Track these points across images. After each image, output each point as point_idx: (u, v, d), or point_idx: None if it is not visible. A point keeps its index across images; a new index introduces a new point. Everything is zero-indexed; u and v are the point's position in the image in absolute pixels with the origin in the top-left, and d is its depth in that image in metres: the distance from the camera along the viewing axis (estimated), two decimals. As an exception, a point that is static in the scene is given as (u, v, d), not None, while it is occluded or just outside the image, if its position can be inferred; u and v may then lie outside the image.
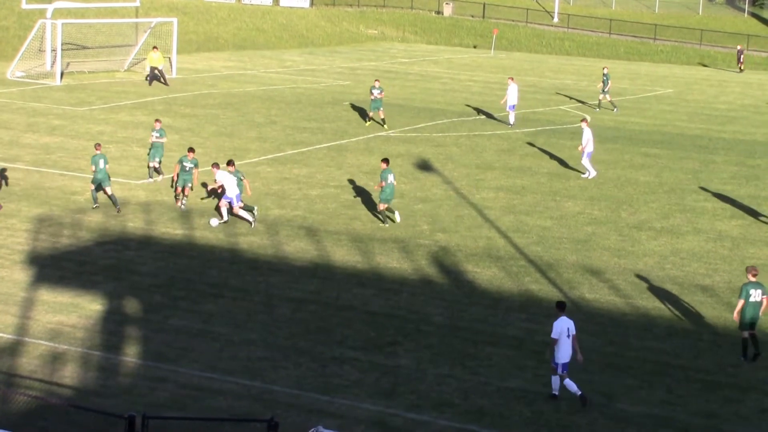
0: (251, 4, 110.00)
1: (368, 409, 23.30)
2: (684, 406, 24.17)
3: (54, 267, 31.44)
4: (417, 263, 33.38)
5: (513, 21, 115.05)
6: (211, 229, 35.68)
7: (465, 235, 36.52)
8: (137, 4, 77.21)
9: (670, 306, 30.54)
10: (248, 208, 36.71)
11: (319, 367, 25.35)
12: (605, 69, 67.22)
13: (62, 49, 67.04)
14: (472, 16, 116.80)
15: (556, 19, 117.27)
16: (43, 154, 45.14)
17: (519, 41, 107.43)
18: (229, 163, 37.17)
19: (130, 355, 25.63)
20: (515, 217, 39.02)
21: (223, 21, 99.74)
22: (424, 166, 46.55)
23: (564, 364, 24.01)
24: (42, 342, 25.97)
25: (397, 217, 37.80)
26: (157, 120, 42.46)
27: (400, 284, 31.27)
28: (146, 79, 66.08)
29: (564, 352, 23.98)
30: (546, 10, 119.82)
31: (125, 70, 71.79)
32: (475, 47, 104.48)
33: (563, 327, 23.97)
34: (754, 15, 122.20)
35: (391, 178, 37.44)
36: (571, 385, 23.92)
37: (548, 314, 29.41)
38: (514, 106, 58.21)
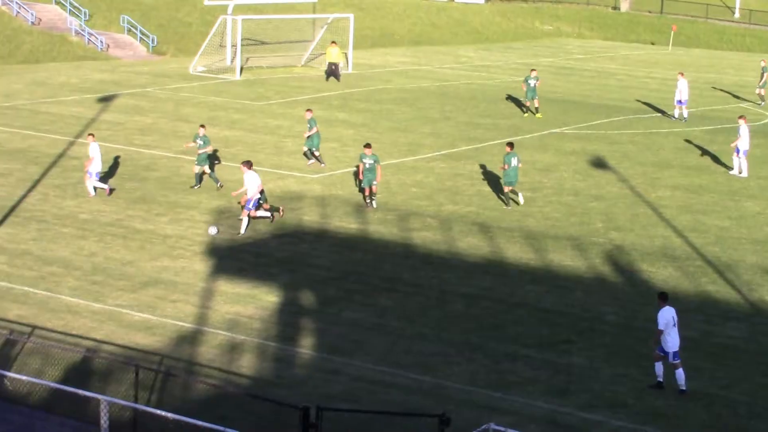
0: (427, 0, 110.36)
1: (541, 407, 23.22)
2: None
3: (232, 258, 32.12)
4: (591, 261, 33.08)
5: (692, 17, 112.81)
6: (385, 224, 35.95)
7: (640, 234, 36.03)
8: (315, 0, 78.20)
9: None
10: (273, 209, 36.24)
11: (491, 363, 25.35)
12: (762, 62, 65.66)
13: (242, 45, 68.36)
14: (650, 12, 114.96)
15: (737, 15, 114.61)
16: (222, 147, 46.09)
17: (698, 37, 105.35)
18: (247, 163, 35.54)
19: (305, 346, 26.03)
20: (692, 217, 38.32)
21: (399, 17, 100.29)
22: (599, 163, 46.06)
23: (675, 353, 24.07)
24: (220, 332, 26.57)
25: (521, 199, 38.56)
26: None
27: (574, 282, 31.03)
28: (325, 74, 66.91)
29: (673, 341, 24.08)
30: (727, 6, 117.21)
31: (302, 65, 72.82)
32: (652, 44, 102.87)
33: (668, 317, 24.13)
34: None
35: (514, 161, 38.27)
36: (681, 375, 24.03)
37: (726, 316, 28.93)
38: (682, 102, 57.40)
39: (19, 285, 29.00)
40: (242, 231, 34.30)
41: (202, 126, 40.38)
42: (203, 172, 39.50)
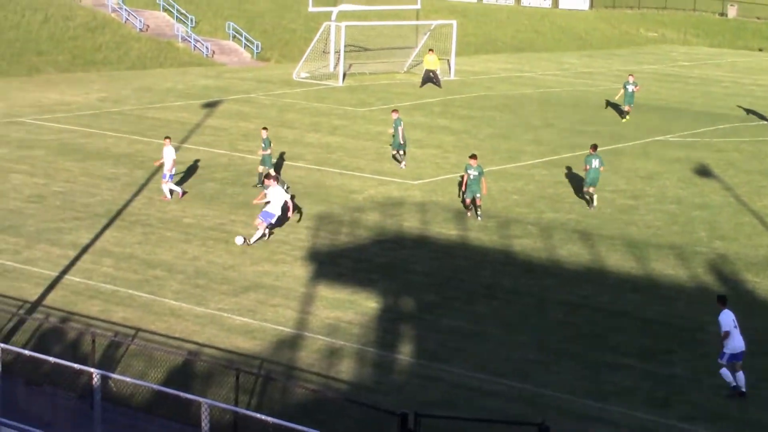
0: (530, 6, 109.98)
1: (641, 417, 23.01)
2: None
3: (332, 264, 32.32)
4: (693, 271, 32.69)
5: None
6: (484, 231, 35.91)
7: (745, 244, 35.52)
8: (418, 6, 78.38)
9: None
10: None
11: (591, 372, 25.19)
12: None
13: (345, 51, 68.78)
14: (758, 18, 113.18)
15: None
16: (324, 153, 46.42)
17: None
18: (271, 176, 35.11)
19: (404, 353, 26.09)
20: (798, 227, 37.71)
21: (502, 23, 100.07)
22: (704, 171, 45.50)
23: (738, 354, 24.12)
24: (320, 337, 26.75)
25: (595, 202, 38.99)
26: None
27: (677, 291, 30.69)
28: (421, 80, 66.98)
29: (737, 343, 24.09)
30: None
31: (405, 72, 73.00)
32: (760, 50, 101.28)
33: (729, 320, 24.19)
34: None
35: (596, 163, 38.73)
36: (741, 378, 24.05)
37: (832, 328, 28.39)
38: None
39: (124, 288, 29.49)
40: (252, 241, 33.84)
41: (265, 128, 40.89)
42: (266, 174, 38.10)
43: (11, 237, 33.54)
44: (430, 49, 68.64)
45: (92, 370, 20.55)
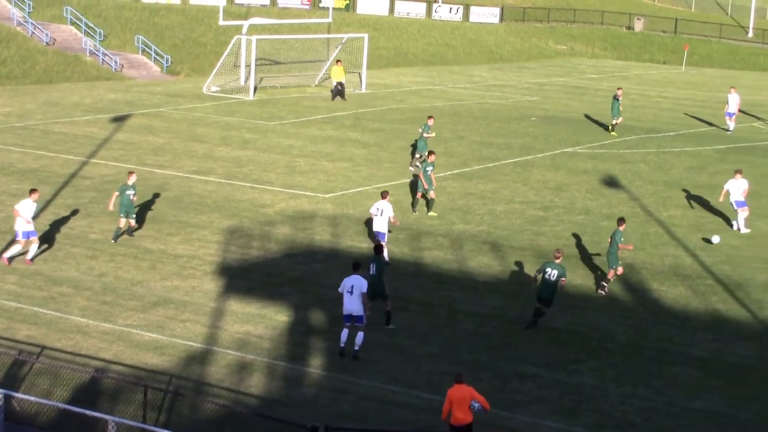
0: (441, 20, 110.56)
1: (550, 426, 23.19)
2: None
3: (243, 278, 32.17)
4: (601, 280, 33.02)
5: (705, 36, 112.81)
6: (396, 243, 36.00)
7: (651, 253, 35.99)
8: (329, 20, 78.45)
9: None
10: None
11: (501, 382, 25.34)
12: None
13: (256, 65, 68.58)
14: (664, 32, 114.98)
15: (751, 34, 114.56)
16: (234, 167, 46.22)
17: (711, 57, 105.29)
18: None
19: (315, 366, 26.05)
20: (703, 236, 38.25)
21: (413, 36, 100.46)
22: (611, 182, 46.04)
23: (347, 316, 26.38)
24: (230, 351, 26.60)
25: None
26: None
27: (584, 301, 31.00)
28: (331, 93, 67.09)
29: (347, 305, 26.31)
30: (740, 25, 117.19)
31: (316, 85, 72.99)
32: (664, 63, 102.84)
33: (347, 284, 26.36)
34: None
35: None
36: (357, 339, 26.38)
37: (736, 335, 28.86)
38: (731, 114, 60.18)
39: (29, 305, 29.08)
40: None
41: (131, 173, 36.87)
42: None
43: None
44: (337, 60, 68.73)
45: (-5, 389, 20.24)
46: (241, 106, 63.31)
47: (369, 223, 38.29)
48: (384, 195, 35.15)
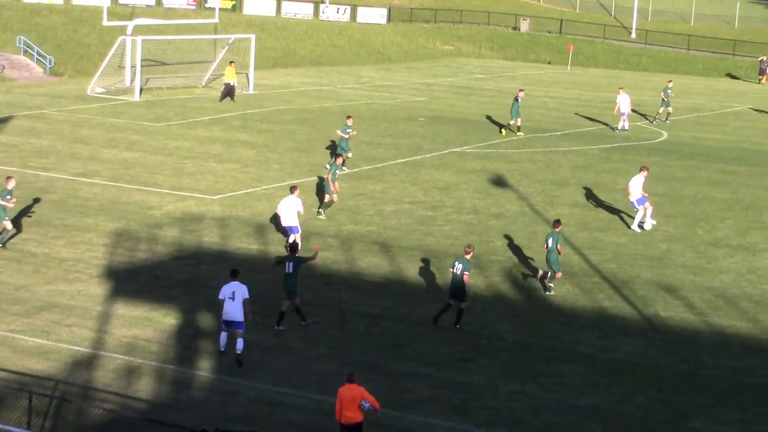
0: (328, 21, 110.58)
1: (440, 425, 23.28)
2: (759, 425, 23.87)
3: (130, 281, 31.79)
4: (490, 279, 33.31)
5: (590, 37, 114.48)
6: (284, 244, 35.86)
7: (539, 251, 36.32)
8: (216, 20, 77.96)
9: (745, 324, 30.18)
10: None
11: (391, 382, 25.37)
12: (670, 83, 67.36)
13: (141, 66, 67.85)
14: (549, 32, 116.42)
15: (633, 35, 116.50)
16: (121, 169, 45.67)
17: (596, 57, 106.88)
18: None
19: (204, 369, 25.83)
20: (590, 234, 38.79)
21: (301, 37, 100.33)
22: (499, 182, 46.44)
23: (229, 322, 26.30)
24: (117, 356, 26.26)
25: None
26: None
27: (474, 300, 31.14)
28: (221, 94, 66.67)
29: (228, 310, 26.22)
30: (623, 26, 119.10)
31: (203, 86, 72.47)
32: (549, 63, 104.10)
33: (227, 291, 26.22)
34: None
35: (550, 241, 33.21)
36: (238, 345, 26.18)
37: (622, 332, 29.27)
38: (624, 114, 61.35)
39: None
40: None
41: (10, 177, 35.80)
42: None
43: None
44: (231, 61, 68.32)
45: None
46: (126, 107, 62.59)
47: (260, 224, 38.14)
48: (292, 190, 35.61)
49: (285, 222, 35.28)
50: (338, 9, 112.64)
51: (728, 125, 66.97)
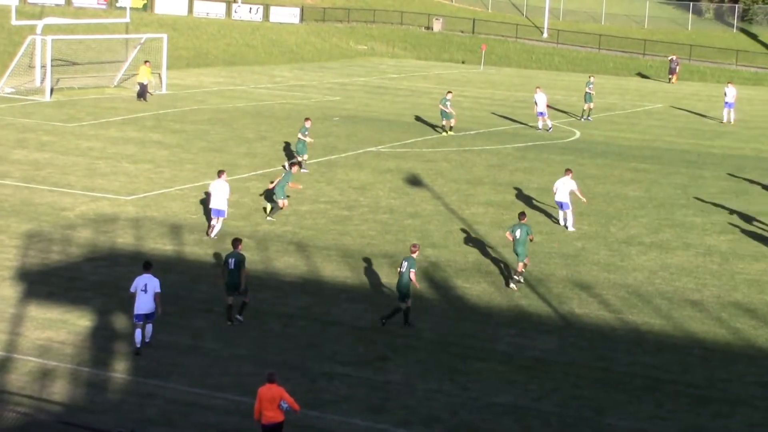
0: (241, 20, 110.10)
1: (357, 424, 23.29)
2: (673, 420, 24.19)
3: (43, 283, 31.40)
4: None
5: (503, 36, 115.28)
6: (200, 245, 35.69)
7: (454, 251, 36.53)
8: (127, 20, 77.24)
9: (659, 321, 30.57)
10: None
11: (308, 382, 25.34)
12: (592, 78, 68.24)
13: (52, 65, 66.99)
14: (462, 32, 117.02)
15: (545, 35, 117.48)
16: (32, 170, 45.09)
17: (509, 56, 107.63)
18: None
19: (119, 371, 25.60)
20: (504, 232, 38.97)
21: (213, 37, 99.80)
22: (414, 181, 46.57)
23: (140, 315, 26.37)
24: (31, 358, 25.92)
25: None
26: None
27: (390, 300, 31.21)
28: (137, 94, 66.11)
29: (140, 305, 26.39)
30: (535, 26, 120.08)
31: (115, 86, 71.77)
32: (463, 62, 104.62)
33: (140, 282, 26.47)
34: (742, 30, 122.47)
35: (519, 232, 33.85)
36: (147, 333, 26.55)
37: (538, 329, 29.51)
38: (542, 113, 61.52)
39: None
40: None
41: None
42: None
43: None
44: (146, 61, 67.74)
45: None
46: (37, 107, 61.81)
47: (174, 224, 37.89)
48: (220, 174, 37.07)
49: (213, 204, 36.59)
50: (251, 8, 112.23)
51: (640, 124, 67.78)
